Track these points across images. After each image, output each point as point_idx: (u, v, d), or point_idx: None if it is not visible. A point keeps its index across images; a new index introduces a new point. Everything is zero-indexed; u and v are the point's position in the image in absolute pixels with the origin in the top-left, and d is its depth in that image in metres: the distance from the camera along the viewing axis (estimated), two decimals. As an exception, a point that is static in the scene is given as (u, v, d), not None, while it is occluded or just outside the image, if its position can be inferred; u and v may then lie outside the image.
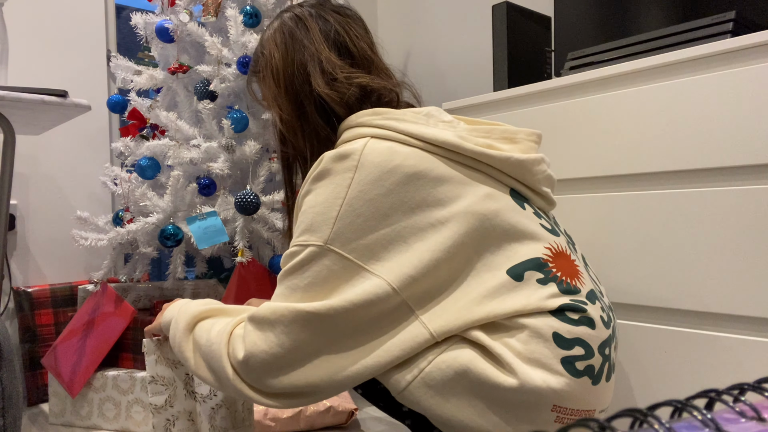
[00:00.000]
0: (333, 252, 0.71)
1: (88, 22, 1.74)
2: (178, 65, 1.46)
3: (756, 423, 0.26)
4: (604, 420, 0.25)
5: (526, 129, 0.86)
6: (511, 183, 0.80)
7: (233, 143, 1.37)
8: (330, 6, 0.88)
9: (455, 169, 0.76)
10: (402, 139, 0.75)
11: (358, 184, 0.71)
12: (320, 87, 0.80)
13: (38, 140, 1.66)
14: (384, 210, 0.71)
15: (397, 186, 0.71)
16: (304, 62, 0.82)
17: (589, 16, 1.33)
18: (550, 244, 0.78)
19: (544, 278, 0.75)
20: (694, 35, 1.02)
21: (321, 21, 0.84)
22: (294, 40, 0.84)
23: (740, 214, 0.91)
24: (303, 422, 1.24)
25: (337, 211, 0.71)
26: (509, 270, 0.74)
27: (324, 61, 0.81)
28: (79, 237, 1.39)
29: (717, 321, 0.95)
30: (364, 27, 0.90)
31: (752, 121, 0.89)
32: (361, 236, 0.71)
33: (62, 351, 1.36)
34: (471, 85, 1.97)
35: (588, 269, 0.88)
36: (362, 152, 0.72)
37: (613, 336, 0.82)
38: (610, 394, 0.82)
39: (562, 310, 0.74)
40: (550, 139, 1.17)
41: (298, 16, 0.85)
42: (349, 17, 0.88)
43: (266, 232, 1.39)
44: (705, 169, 0.95)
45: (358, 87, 0.81)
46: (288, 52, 0.84)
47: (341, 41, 0.83)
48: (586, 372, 0.74)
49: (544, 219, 0.83)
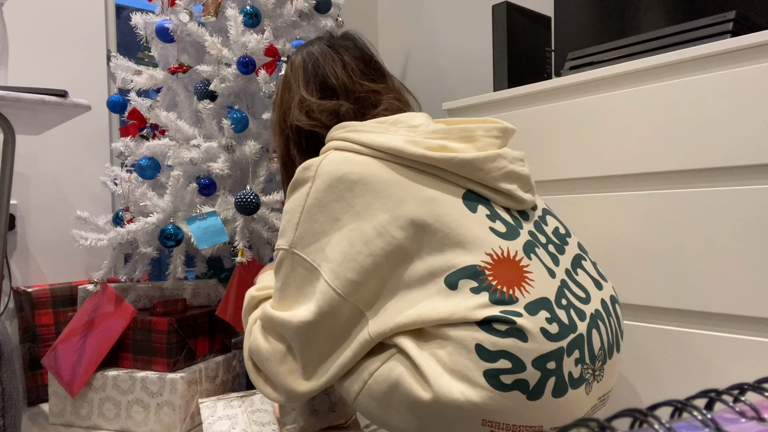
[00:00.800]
0: (296, 254, 0.80)
1: (88, 22, 1.74)
2: (178, 65, 1.46)
3: (756, 423, 0.26)
4: (604, 420, 0.25)
5: (488, 124, 0.86)
6: (468, 184, 0.81)
7: (233, 143, 1.37)
8: (327, 41, 0.99)
9: (402, 174, 0.79)
10: (356, 149, 0.82)
11: (315, 192, 0.80)
12: (296, 119, 0.94)
13: (38, 140, 1.66)
14: (335, 214, 0.79)
15: (345, 192, 0.78)
16: (290, 102, 0.97)
17: (589, 16, 1.33)
18: (493, 250, 0.76)
19: (477, 287, 0.74)
20: (694, 35, 1.02)
21: (312, 63, 0.96)
22: (286, 85, 0.99)
23: (740, 214, 0.91)
24: (303, 422, 1.24)
25: (298, 218, 0.80)
26: (446, 278, 0.75)
27: (301, 100, 0.95)
28: (79, 237, 1.39)
29: (717, 321, 0.95)
30: (358, 54, 0.98)
31: (752, 121, 0.89)
32: (317, 239, 0.79)
33: (62, 351, 1.36)
34: (471, 85, 1.97)
35: (574, 272, 0.85)
36: (320, 164, 0.81)
37: (579, 347, 0.77)
38: (578, 406, 0.77)
39: (489, 321, 0.73)
40: (549, 139, 1.17)
41: (293, 62, 0.99)
42: (342, 51, 0.97)
43: (266, 232, 1.39)
44: (705, 169, 0.95)
45: (329, 111, 0.92)
46: (282, 95, 0.99)
47: (322, 77, 0.95)
48: (515, 386, 0.72)
49: (500, 221, 0.81)
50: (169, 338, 1.31)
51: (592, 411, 0.83)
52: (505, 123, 0.88)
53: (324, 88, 0.95)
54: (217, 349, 1.47)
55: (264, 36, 1.39)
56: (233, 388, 1.48)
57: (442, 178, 0.81)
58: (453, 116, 1.39)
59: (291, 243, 0.80)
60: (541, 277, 0.78)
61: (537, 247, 0.82)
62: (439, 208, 0.77)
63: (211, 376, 1.39)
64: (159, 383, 1.29)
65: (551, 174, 1.17)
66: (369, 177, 0.79)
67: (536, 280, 0.77)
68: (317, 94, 0.94)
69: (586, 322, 0.79)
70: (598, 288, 0.87)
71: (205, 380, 1.37)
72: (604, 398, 0.85)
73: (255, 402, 1.24)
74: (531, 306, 0.74)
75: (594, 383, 0.80)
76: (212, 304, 1.54)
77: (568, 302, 0.79)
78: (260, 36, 1.38)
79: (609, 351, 0.83)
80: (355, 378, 0.79)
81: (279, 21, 1.49)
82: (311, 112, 0.93)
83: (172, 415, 1.28)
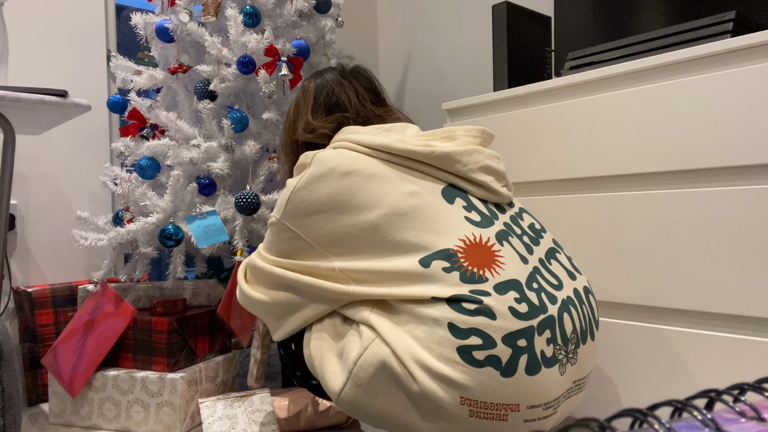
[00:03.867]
0: (283, 224, 0.93)
1: (88, 22, 1.74)
2: (178, 65, 1.46)
3: (756, 423, 0.26)
4: (604, 420, 0.25)
5: (468, 126, 0.98)
6: (448, 178, 0.91)
7: (233, 143, 1.37)
8: (340, 72, 1.11)
9: (389, 167, 0.90)
10: (350, 146, 0.93)
11: (307, 177, 0.91)
12: (300, 136, 1.07)
13: (38, 140, 1.66)
14: (322, 199, 0.89)
15: (335, 180, 0.89)
16: (297, 120, 1.09)
17: (589, 16, 1.33)
18: (466, 236, 0.84)
19: (449, 267, 0.81)
20: (694, 35, 1.02)
21: (325, 91, 1.08)
22: (296, 107, 1.11)
23: (740, 214, 0.91)
24: (303, 422, 1.24)
25: (288, 197, 0.92)
26: (420, 259, 0.83)
27: (307, 123, 1.07)
28: (79, 237, 1.39)
29: (717, 321, 0.95)
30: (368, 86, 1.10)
31: (752, 121, 0.89)
32: (302, 216, 0.91)
33: (62, 351, 1.36)
34: (471, 85, 1.97)
35: (548, 262, 0.91)
36: (315, 156, 0.92)
37: (550, 327, 0.81)
38: (553, 386, 0.81)
39: (459, 300, 0.79)
40: (549, 139, 1.17)
41: (306, 89, 1.11)
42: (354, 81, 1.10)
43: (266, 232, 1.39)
44: (705, 169, 0.95)
45: (334, 122, 1.04)
46: (293, 117, 1.11)
47: (332, 103, 1.07)
48: (488, 362, 0.77)
49: (476, 211, 0.89)
50: (169, 338, 1.31)
51: (567, 394, 0.87)
52: (486, 129, 1.00)
53: (332, 113, 1.06)
54: (217, 349, 1.47)
55: (264, 36, 1.39)
56: (233, 388, 1.48)
57: (424, 173, 0.91)
58: (453, 116, 1.39)
59: (281, 216, 0.93)
60: (512, 262, 0.85)
61: (511, 236, 0.89)
62: (418, 200, 0.86)
63: (211, 376, 1.39)
64: (159, 383, 1.29)
65: (551, 174, 1.17)
66: (359, 169, 0.89)
67: (507, 263, 0.84)
68: (325, 115, 1.06)
69: (557, 305, 0.85)
70: (571, 278, 0.93)
71: (205, 380, 1.37)
72: (581, 383, 0.90)
73: (255, 402, 1.24)
74: (500, 286, 0.81)
75: (568, 365, 0.84)
76: (212, 304, 1.54)
77: (539, 286, 0.85)
78: (260, 36, 1.38)
79: (582, 336, 0.88)
80: (337, 376, 0.86)
81: (279, 21, 1.49)
82: (315, 130, 1.05)
83: (172, 415, 1.28)
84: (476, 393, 0.77)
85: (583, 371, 0.89)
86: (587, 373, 0.91)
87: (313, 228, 0.90)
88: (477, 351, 0.77)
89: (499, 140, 1.26)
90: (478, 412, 0.78)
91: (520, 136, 1.22)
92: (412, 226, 0.85)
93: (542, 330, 0.81)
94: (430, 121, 2.14)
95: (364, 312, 0.86)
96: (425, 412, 0.80)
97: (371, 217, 0.86)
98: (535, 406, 0.80)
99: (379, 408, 0.83)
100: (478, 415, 0.78)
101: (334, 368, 0.87)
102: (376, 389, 0.82)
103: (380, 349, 0.81)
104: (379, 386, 0.82)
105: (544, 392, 0.80)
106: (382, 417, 0.84)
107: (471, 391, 0.77)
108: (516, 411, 0.79)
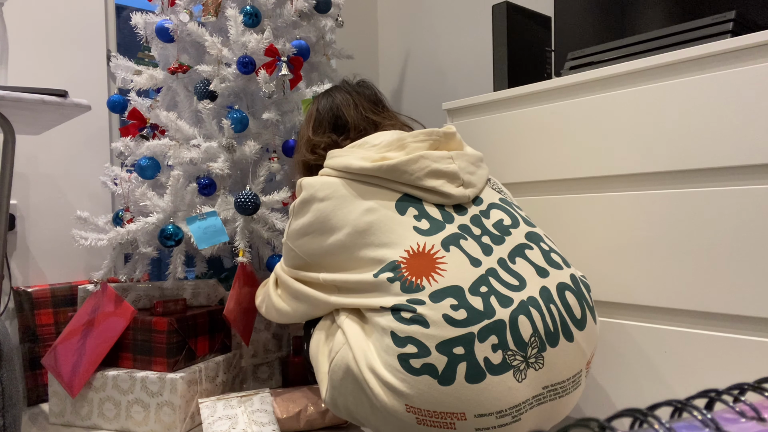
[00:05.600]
0: (287, 244, 1.03)
1: (88, 22, 1.74)
2: (178, 65, 1.46)
3: (756, 423, 0.26)
4: (604, 420, 0.25)
5: (418, 131, 1.01)
6: (403, 188, 0.95)
7: (233, 143, 1.37)
8: (347, 90, 1.20)
9: (353, 189, 0.96)
10: (328, 171, 1.01)
11: (298, 203, 1.00)
12: (303, 155, 1.18)
13: (38, 140, 1.66)
14: (306, 223, 0.98)
15: (315, 204, 0.97)
16: (302, 139, 1.20)
17: (589, 16, 1.33)
18: (411, 247, 0.88)
19: (393, 277, 0.86)
20: (694, 35, 1.02)
21: (331, 110, 1.17)
22: (307, 122, 1.21)
23: (740, 214, 0.91)
24: (303, 422, 1.24)
25: (289, 221, 1.03)
26: (374, 273, 0.88)
27: (309, 139, 1.17)
28: (79, 237, 1.39)
29: (717, 321, 0.95)
30: (369, 96, 1.20)
31: (752, 121, 0.89)
32: (297, 237, 1.00)
33: (62, 351, 1.36)
34: (471, 85, 1.97)
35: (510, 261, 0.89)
36: (301, 182, 1.01)
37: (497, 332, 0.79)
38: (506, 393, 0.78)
39: (398, 309, 0.82)
40: (549, 139, 1.17)
41: (317, 106, 1.20)
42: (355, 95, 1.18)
43: (266, 232, 1.39)
44: (705, 169, 0.95)
45: (328, 139, 1.14)
46: (300, 135, 1.22)
47: (334, 117, 1.16)
48: (424, 370, 0.78)
49: (427, 218, 0.92)
50: (169, 338, 1.31)
51: (536, 401, 0.83)
52: (443, 128, 1.02)
53: (336, 126, 1.16)
54: (217, 349, 1.47)
55: (264, 36, 1.39)
56: (233, 388, 1.48)
57: (382, 187, 0.95)
58: (453, 116, 1.39)
59: (286, 236, 1.04)
60: (457, 267, 0.85)
61: (464, 239, 0.90)
62: (374, 216, 0.92)
63: (211, 376, 1.39)
64: (159, 383, 1.29)
65: (551, 174, 1.17)
66: (330, 193, 0.96)
67: (449, 270, 0.85)
68: (328, 131, 1.16)
69: (510, 308, 0.82)
70: (541, 275, 0.89)
71: (205, 380, 1.37)
72: (557, 388, 0.85)
73: (255, 402, 1.24)
74: (436, 294, 0.82)
75: (529, 371, 0.81)
76: (212, 304, 1.54)
77: (489, 289, 0.83)
78: (260, 36, 1.38)
79: (550, 338, 0.83)
80: (323, 378, 0.92)
81: (279, 21, 1.49)
82: (315, 148, 1.15)
83: (172, 415, 1.28)
84: (417, 401, 0.78)
85: (560, 375, 0.84)
86: (568, 376, 0.85)
87: (305, 247, 0.99)
88: (413, 359, 0.79)
89: (499, 140, 1.26)
90: (424, 420, 0.79)
91: (520, 136, 1.22)
92: (370, 242, 0.90)
93: (485, 336, 0.79)
94: (430, 121, 2.14)
95: (341, 317, 0.92)
96: (383, 416, 0.83)
97: (340, 237, 0.93)
98: (485, 415, 0.78)
99: (352, 409, 0.88)
100: (425, 423, 0.79)
101: (323, 369, 0.93)
102: (346, 391, 0.87)
103: (346, 354, 0.86)
104: (348, 389, 0.86)
105: (493, 400, 0.78)
106: (358, 418, 0.88)
107: (413, 398, 0.78)
108: (463, 419, 0.78)
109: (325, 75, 1.65)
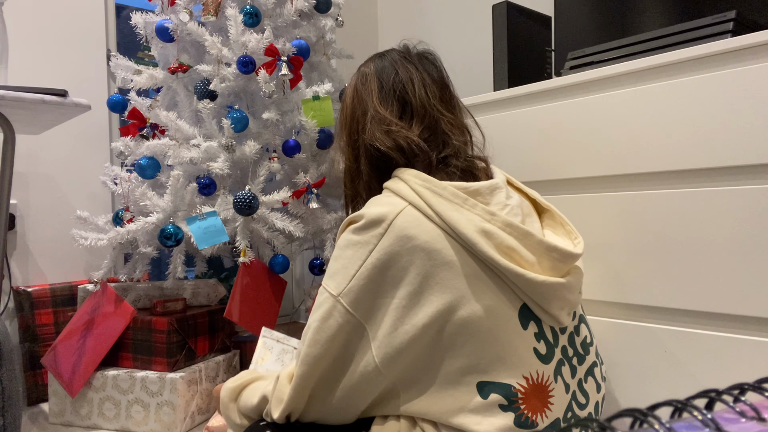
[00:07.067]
0: (341, 305, 0.74)
1: (88, 22, 1.74)
2: (178, 65, 1.46)
3: (756, 423, 0.26)
4: (604, 420, 0.25)
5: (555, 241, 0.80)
6: (525, 299, 0.76)
7: (233, 143, 1.37)
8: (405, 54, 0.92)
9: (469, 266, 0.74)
10: (430, 214, 0.75)
11: (378, 251, 0.73)
12: (376, 138, 0.85)
13: (38, 140, 1.66)
14: (395, 281, 0.73)
15: (411, 259, 0.72)
16: (364, 115, 0.88)
17: (589, 16, 1.33)
18: (530, 374, 0.75)
19: (507, 406, 0.73)
20: (694, 35, 1.02)
21: (385, 75, 0.89)
22: (357, 95, 0.90)
23: (740, 214, 0.91)
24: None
25: (356, 270, 0.74)
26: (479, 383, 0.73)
27: (376, 115, 0.87)
28: (79, 237, 1.39)
29: (717, 321, 0.95)
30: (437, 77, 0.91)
31: (752, 121, 0.89)
32: (369, 299, 0.73)
33: (62, 351, 1.36)
34: (471, 85, 1.97)
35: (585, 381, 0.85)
36: (392, 221, 0.74)
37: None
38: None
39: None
40: (550, 139, 1.17)
41: (364, 74, 0.91)
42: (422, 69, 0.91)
43: (266, 232, 1.39)
44: (705, 169, 0.95)
45: (405, 139, 0.84)
46: (353, 106, 0.90)
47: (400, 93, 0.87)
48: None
49: (544, 341, 0.78)
50: (169, 338, 1.31)
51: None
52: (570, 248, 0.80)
53: (401, 104, 0.87)
54: (217, 348, 1.47)
55: (264, 35, 1.39)
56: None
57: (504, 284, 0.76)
58: (453, 116, 1.39)
59: (340, 292, 0.74)
60: (559, 397, 0.78)
61: (564, 365, 0.81)
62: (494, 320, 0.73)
63: (211, 376, 1.39)
64: (159, 383, 1.29)
65: (551, 174, 1.17)
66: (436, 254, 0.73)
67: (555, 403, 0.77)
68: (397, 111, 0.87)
69: None
70: (597, 391, 0.89)
71: (205, 380, 1.37)
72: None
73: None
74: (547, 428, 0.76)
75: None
76: (212, 304, 1.54)
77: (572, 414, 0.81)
78: (260, 35, 1.38)
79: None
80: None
81: (279, 20, 1.49)
82: (391, 132, 0.85)
83: (172, 414, 1.28)
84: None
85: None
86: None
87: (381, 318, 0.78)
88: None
89: (499, 140, 1.26)
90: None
91: (520, 136, 1.22)
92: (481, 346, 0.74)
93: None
94: (430, 120, 2.14)
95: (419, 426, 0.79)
96: None
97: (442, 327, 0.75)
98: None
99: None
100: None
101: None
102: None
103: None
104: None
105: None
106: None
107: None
108: None
109: (325, 75, 1.65)
